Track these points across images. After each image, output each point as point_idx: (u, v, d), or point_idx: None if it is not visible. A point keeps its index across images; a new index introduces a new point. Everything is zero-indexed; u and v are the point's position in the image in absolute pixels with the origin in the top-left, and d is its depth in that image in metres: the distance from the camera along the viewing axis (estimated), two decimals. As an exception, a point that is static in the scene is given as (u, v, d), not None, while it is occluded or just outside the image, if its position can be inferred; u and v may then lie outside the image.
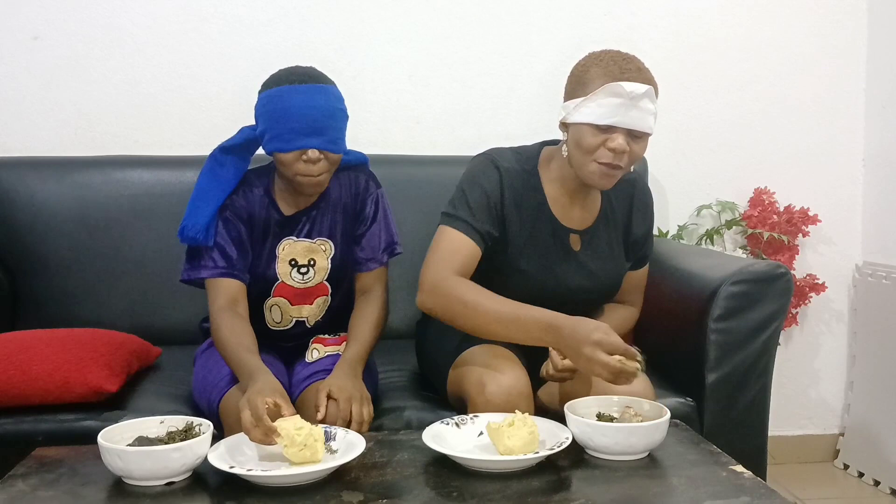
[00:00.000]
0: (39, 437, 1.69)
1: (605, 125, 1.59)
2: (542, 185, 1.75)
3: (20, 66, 2.43)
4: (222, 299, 1.69)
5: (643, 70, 1.63)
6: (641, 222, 1.86)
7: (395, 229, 1.86)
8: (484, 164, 1.72)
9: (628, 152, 1.61)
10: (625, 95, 1.57)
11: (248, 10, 2.50)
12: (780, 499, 1.26)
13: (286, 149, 1.66)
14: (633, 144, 1.61)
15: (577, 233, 1.77)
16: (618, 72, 1.59)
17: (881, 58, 2.72)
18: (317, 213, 1.80)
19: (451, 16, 2.59)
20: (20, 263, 2.25)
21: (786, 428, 2.79)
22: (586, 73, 1.63)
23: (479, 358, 1.65)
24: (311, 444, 1.32)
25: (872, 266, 2.70)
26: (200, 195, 1.74)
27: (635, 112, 1.59)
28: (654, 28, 2.67)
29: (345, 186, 1.83)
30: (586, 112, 1.60)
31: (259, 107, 1.71)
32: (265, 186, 1.79)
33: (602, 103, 1.58)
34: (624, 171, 1.65)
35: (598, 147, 1.61)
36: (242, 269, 1.73)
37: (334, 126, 1.68)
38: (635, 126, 1.60)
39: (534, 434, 1.38)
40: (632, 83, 1.58)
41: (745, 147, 2.74)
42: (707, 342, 1.87)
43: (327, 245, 1.80)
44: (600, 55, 1.65)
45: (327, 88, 1.70)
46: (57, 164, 2.33)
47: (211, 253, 1.71)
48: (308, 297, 1.81)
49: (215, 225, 1.73)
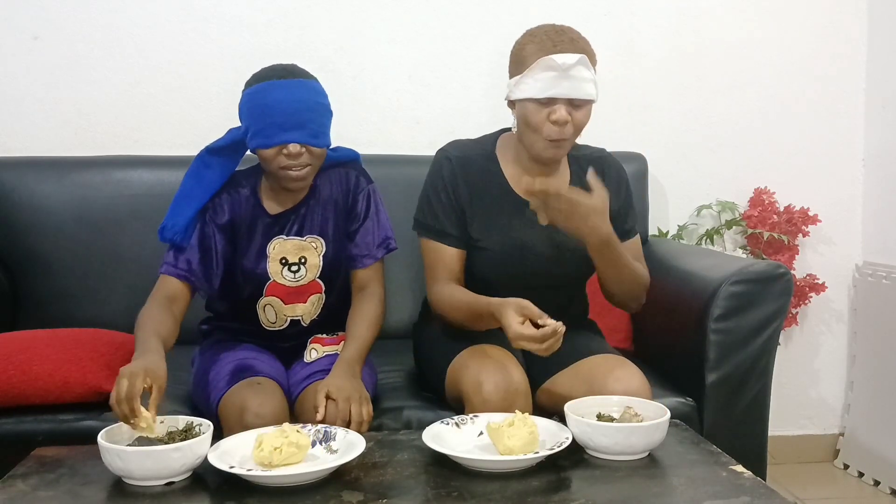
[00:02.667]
0: (39, 437, 1.69)
1: (545, 98, 1.65)
2: (500, 166, 1.81)
3: (20, 66, 2.43)
4: (161, 293, 1.71)
5: (576, 40, 1.68)
6: (616, 196, 1.83)
7: (388, 224, 1.86)
8: (437, 162, 1.82)
9: (571, 122, 1.67)
10: (557, 68, 1.63)
11: (248, 10, 2.50)
12: (780, 499, 1.26)
13: (267, 144, 1.66)
14: (574, 113, 1.67)
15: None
16: (550, 45, 1.65)
17: (881, 58, 2.72)
18: (306, 210, 1.80)
19: (451, 16, 2.59)
20: (20, 263, 2.25)
21: (786, 428, 2.79)
22: (522, 50, 1.70)
23: (476, 357, 1.66)
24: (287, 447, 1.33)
25: (872, 266, 2.70)
26: (183, 196, 1.76)
27: (570, 82, 1.64)
28: (654, 28, 2.67)
29: (335, 183, 1.83)
30: (525, 88, 1.66)
31: (241, 105, 1.72)
32: (252, 186, 1.80)
33: (538, 77, 1.64)
34: (570, 141, 1.71)
35: (544, 122, 1.67)
36: (199, 276, 1.74)
37: (315, 120, 1.68)
38: (572, 95, 1.65)
39: (534, 434, 1.38)
40: (563, 55, 1.63)
41: (745, 147, 2.74)
42: (707, 342, 1.87)
43: (318, 242, 1.80)
44: (535, 31, 1.72)
45: (307, 83, 1.70)
46: (57, 164, 2.33)
47: (176, 253, 1.74)
48: (301, 295, 1.80)
49: (194, 226, 1.74)
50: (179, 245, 1.73)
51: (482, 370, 1.61)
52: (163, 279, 1.73)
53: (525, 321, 1.53)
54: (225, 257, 1.77)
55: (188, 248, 1.74)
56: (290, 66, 1.73)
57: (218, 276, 1.77)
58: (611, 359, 1.71)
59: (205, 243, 1.76)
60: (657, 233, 2.65)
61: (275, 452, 1.31)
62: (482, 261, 1.78)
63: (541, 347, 1.52)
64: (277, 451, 1.31)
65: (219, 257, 1.77)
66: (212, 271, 1.76)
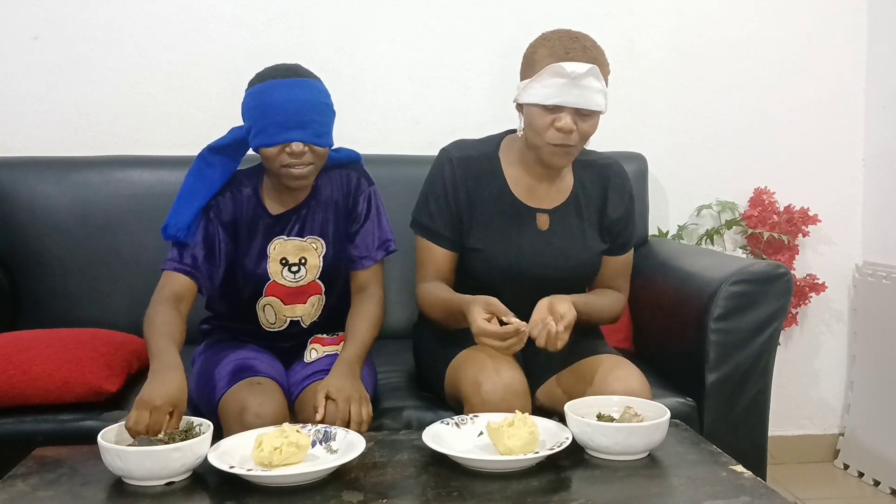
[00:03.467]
0: (39, 437, 1.70)
1: (552, 105, 1.64)
2: (502, 168, 1.80)
3: (20, 66, 2.43)
4: (167, 291, 1.69)
5: (589, 49, 1.66)
6: (618, 205, 1.85)
7: (388, 226, 1.86)
8: (438, 163, 1.82)
9: (577, 131, 1.65)
10: (566, 76, 1.61)
11: (248, 10, 2.50)
12: (780, 499, 1.26)
13: (269, 143, 1.65)
14: (581, 123, 1.66)
15: (545, 212, 1.80)
16: (562, 52, 1.64)
17: (881, 58, 2.72)
18: (307, 211, 1.80)
19: (451, 16, 2.59)
20: (20, 263, 2.25)
21: (786, 428, 2.79)
22: (534, 53, 1.69)
23: (475, 357, 1.65)
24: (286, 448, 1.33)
25: (872, 266, 2.70)
26: (186, 194, 1.75)
27: (578, 91, 1.63)
28: (654, 28, 2.67)
29: (336, 184, 1.83)
30: (533, 93, 1.65)
31: (244, 104, 1.72)
32: (254, 186, 1.79)
33: (546, 83, 1.63)
34: (576, 148, 1.70)
35: (547, 127, 1.66)
36: (204, 273, 1.73)
37: (318, 120, 1.68)
38: (580, 105, 1.64)
39: (534, 434, 1.38)
40: (574, 63, 1.62)
41: (745, 147, 2.74)
42: (707, 342, 1.87)
43: (318, 243, 1.80)
44: (549, 35, 1.70)
45: (311, 82, 1.70)
46: (57, 164, 2.33)
47: (180, 249, 1.73)
48: (301, 296, 1.80)
49: (197, 224, 1.74)
50: (183, 242, 1.72)
51: (481, 370, 1.61)
52: (167, 276, 1.71)
53: (492, 318, 1.56)
54: (228, 255, 1.77)
55: (193, 244, 1.73)
56: (294, 65, 1.73)
57: (220, 274, 1.77)
58: (611, 359, 1.71)
59: (209, 240, 1.75)
60: (657, 233, 2.65)
61: (275, 452, 1.31)
62: (479, 263, 1.78)
63: (502, 345, 1.54)
64: (277, 451, 1.31)
65: (222, 255, 1.76)
66: (215, 268, 1.76)
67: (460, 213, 1.78)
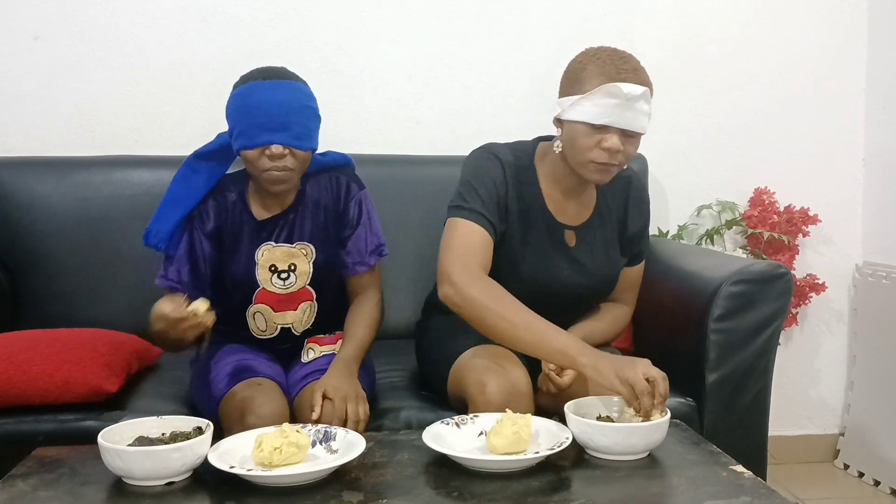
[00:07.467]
0: (39, 437, 1.69)
1: (601, 125, 1.60)
2: (538, 180, 1.76)
3: (20, 66, 2.43)
4: None
5: (639, 70, 1.64)
6: (637, 218, 1.86)
7: (380, 230, 1.85)
8: (487, 158, 1.74)
9: (622, 151, 1.63)
10: (621, 96, 1.58)
11: (248, 10, 2.50)
12: (780, 499, 1.26)
13: (249, 145, 1.64)
14: (626, 144, 1.63)
15: (571, 228, 1.78)
16: (614, 72, 1.60)
17: (881, 58, 2.72)
18: (295, 216, 1.78)
19: (451, 16, 2.58)
20: (20, 263, 2.25)
21: (786, 428, 2.79)
22: (583, 70, 1.64)
23: (480, 358, 1.65)
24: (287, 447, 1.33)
25: (872, 266, 2.70)
26: (169, 201, 1.75)
27: (630, 113, 1.60)
28: (654, 28, 2.66)
29: (324, 188, 1.81)
30: (582, 111, 1.61)
31: (227, 106, 1.70)
32: (240, 191, 1.78)
33: (598, 103, 1.59)
34: (619, 167, 1.67)
35: (593, 147, 1.62)
36: (190, 287, 1.73)
37: (300, 122, 1.65)
38: (630, 127, 1.61)
39: (518, 434, 1.37)
40: (629, 84, 1.59)
41: (745, 147, 2.74)
42: (707, 342, 1.86)
43: (308, 249, 1.78)
44: (597, 52, 1.66)
45: (293, 84, 1.68)
46: (57, 164, 2.33)
47: (170, 265, 1.74)
48: (291, 302, 1.79)
49: (180, 233, 1.74)
50: (167, 253, 1.74)
51: (486, 371, 1.60)
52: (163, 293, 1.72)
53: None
54: (213, 264, 1.77)
55: (177, 258, 1.74)
56: (279, 67, 1.71)
57: (208, 283, 1.76)
58: (611, 359, 1.70)
59: (193, 253, 1.75)
60: (657, 233, 2.65)
61: (275, 452, 1.31)
62: (506, 274, 1.71)
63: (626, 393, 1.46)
64: (277, 451, 1.31)
65: (207, 265, 1.76)
66: (202, 281, 1.76)
67: (505, 214, 1.73)
